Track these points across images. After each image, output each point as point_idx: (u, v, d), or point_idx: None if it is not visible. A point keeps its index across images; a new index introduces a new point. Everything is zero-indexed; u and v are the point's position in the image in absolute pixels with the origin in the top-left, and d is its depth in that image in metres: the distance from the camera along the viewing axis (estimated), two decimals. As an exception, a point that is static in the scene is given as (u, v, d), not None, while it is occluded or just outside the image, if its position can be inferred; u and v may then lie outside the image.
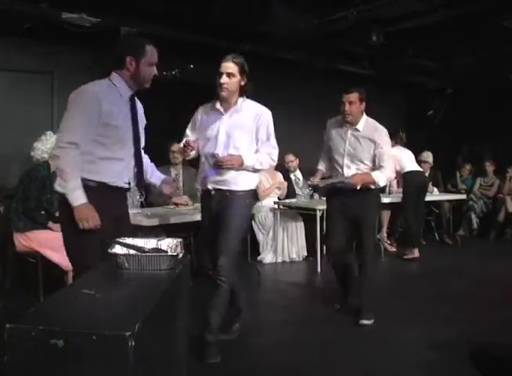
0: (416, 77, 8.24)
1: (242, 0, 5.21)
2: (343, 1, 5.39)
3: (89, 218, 2.47)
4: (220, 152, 3.07)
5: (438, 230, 7.65)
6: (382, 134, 3.82)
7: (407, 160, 6.41)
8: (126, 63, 2.62)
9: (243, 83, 3.10)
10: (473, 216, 8.08)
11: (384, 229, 6.99)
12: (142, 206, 4.94)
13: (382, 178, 3.77)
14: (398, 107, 9.22)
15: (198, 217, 4.50)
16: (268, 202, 6.27)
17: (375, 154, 3.78)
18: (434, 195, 7.36)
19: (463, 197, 7.88)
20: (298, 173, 6.83)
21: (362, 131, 3.80)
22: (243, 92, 3.13)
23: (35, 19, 4.86)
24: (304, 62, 6.92)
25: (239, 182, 3.13)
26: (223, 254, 3.02)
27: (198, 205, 5.27)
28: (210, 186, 3.16)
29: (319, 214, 5.62)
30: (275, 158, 3.25)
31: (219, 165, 3.04)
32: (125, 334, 1.20)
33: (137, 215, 4.27)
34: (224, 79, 3.06)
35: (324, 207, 5.79)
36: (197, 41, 5.71)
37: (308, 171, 6.94)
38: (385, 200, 6.65)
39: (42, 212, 4.08)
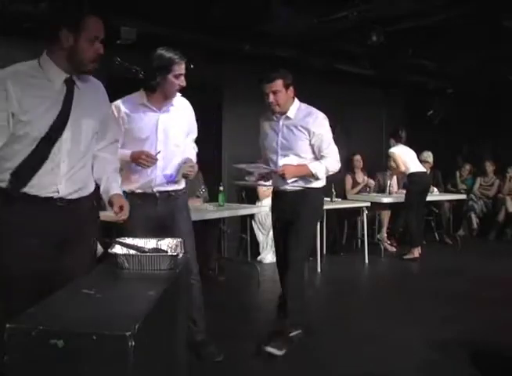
0: (416, 77, 8.24)
1: (242, 0, 5.20)
2: (343, 1, 5.38)
3: None
4: (161, 151, 2.87)
5: (438, 230, 7.65)
6: (318, 119, 3.29)
7: (411, 160, 6.40)
8: (61, 38, 2.05)
9: None
10: (473, 216, 8.09)
11: (384, 229, 7.00)
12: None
13: (321, 168, 3.26)
14: (398, 107, 9.22)
15: (198, 217, 4.54)
16: (268, 202, 6.25)
17: (313, 144, 3.29)
18: (434, 195, 7.36)
19: (463, 197, 7.88)
20: None
21: (294, 119, 3.30)
22: None
23: (35, 19, 4.86)
24: (303, 62, 6.92)
25: (180, 180, 3.03)
26: (193, 261, 2.99)
27: (197, 205, 5.31)
28: (155, 189, 2.93)
29: (319, 214, 5.62)
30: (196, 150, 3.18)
31: (186, 176, 2.90)
32: (125, 334, 1.20)
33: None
34: (184, 82, 2.85)
35: (324, 207, 5.83)
36: (197, 41, 5.71)
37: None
38: (385, 200, 6.67)
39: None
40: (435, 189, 7.50)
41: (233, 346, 3.26)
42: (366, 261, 6.12)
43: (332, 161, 3.31)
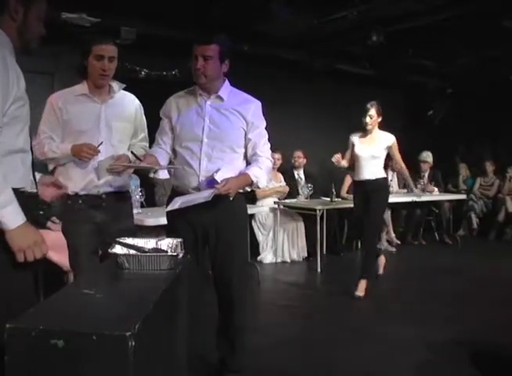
0: (416, 77, 8.25)
1: (242, 0, 5.21)
2: (343, 1, 5.39)
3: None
4: (104, 146, 2.63)
5: (438, 230, 7.66)
6: (258, 109, 2.65)
7: None
8: (10, 7, 1.74)
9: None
10: (473, 216, 8.09)
11: (391, 228, 7.00)
12: (142, 206, 4.94)
13: (262, 175, 2.62)
14: (398, 107, 9.21)
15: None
16: (269, 202, 6.27)
17: (249, 138, 2.62)
18: (434, 195, 7.36)
19: (463, 197, 7.88)
20: (301, 172, 6.83)
21: (228, 101, 2.60)
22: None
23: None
24: (304, 62, 6.93)
25: (126, 181, 2.82)
26: None
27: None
28: (101, 190, 2.70)
29: (319, 214, 5.62)
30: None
31: (112, 171, 2.63)
32: (125, 334, 1.20)
33: (137, 214, 4.27)
34: (108, 65, 2.61)
35: (325, 207, 5.84)
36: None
37: (307, 171, 6.95)
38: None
39: (41, 212, 4.08)
40: (436, 189, 7.50)
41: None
42: (366, 261, 6.11)
43: (267, 163, 2.69)
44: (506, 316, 3.93)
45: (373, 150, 4.59)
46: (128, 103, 2.81)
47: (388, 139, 4.61)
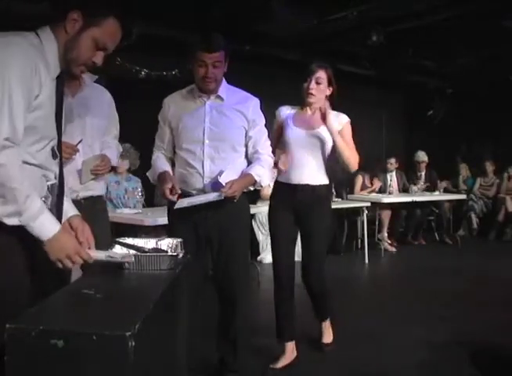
0: (416, 77, 8.25)
1: (242, 0, 5.21)
2: (343, 1, 5.39)
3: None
4: (80, 147, 2.40)
5: (438, 230, 7.66)
6: (258, 106, 2.62)
7: None
8: (68, 18, 1.60)
9: None
10: (473, 216, 8.09)
11: (385, 229, 7.00)
12: (142, 206, 4.94)
13: (264, 174, 2.59)
14: (398, 107, 9.22)
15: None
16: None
17: (250, 136, 2.59)
18: (434, 195, 7.37)
19: (463, 197, 7.89)
20: None
21: (227, 100, 2.55)
22: None
23: (35, 19, 4.86)
24: (304, 62, 6.93)
25: (102, 184, 2.61)
26: None
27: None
28: (81, 195, 2.46)
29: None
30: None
31: (96, 174, 2.44)
32: (125, 334, 1.20)
33: (137, 214, 4.27)
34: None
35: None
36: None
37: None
38: (385, 200, 6.66)
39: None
40: (442, 188, 7.55)
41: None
42: (366, 261, 6.12)
43: (269, 160, 2.66)
44: (506, 316, 3.93)
45: (314, 135, 2.96)
46: (99, 97, 2.56)
47: (339, 120, 3.06)
